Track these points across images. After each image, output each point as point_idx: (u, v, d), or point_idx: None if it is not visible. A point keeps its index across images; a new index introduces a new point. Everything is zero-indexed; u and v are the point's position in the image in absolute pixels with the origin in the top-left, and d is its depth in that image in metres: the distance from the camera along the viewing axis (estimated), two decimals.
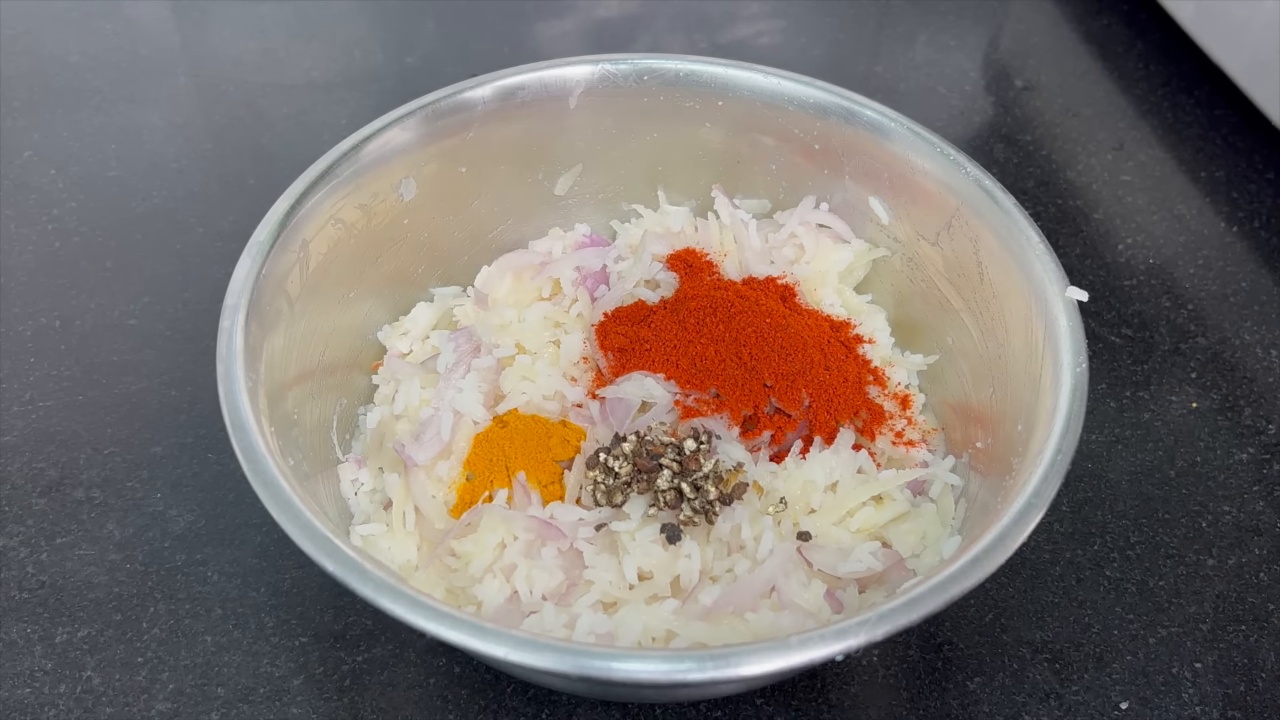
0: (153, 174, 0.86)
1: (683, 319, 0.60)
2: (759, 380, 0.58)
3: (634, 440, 0.55)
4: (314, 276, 0.57)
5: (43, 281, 0.77)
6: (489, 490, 0.56)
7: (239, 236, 0.54)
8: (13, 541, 0.62)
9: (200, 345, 0.71)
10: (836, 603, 0.52)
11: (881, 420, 0.60)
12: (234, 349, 0.50)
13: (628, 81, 0.66)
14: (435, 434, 0.57)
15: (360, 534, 0.56)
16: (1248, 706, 0.56)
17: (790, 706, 0.55)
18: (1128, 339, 0.74)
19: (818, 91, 0.64)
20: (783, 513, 0.55)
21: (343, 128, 0.89)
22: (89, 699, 0.55)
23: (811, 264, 0.66)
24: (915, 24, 1.05)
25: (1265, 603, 0.60)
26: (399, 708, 0.55)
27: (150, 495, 0.64)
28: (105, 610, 0.59)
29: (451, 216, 0.67)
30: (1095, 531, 0.63)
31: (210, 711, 0.54)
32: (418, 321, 0.65)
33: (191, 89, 0.96)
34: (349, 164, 0.59)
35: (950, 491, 0.57)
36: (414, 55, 1.01)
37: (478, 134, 0.64)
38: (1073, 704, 0.55)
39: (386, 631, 0.57)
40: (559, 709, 0.55)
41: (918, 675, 0.56)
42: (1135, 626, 0.59)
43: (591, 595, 0.52)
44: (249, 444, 0.46)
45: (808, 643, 0.40)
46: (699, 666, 0.40)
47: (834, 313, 0.65)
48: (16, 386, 0.70)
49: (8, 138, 0.89)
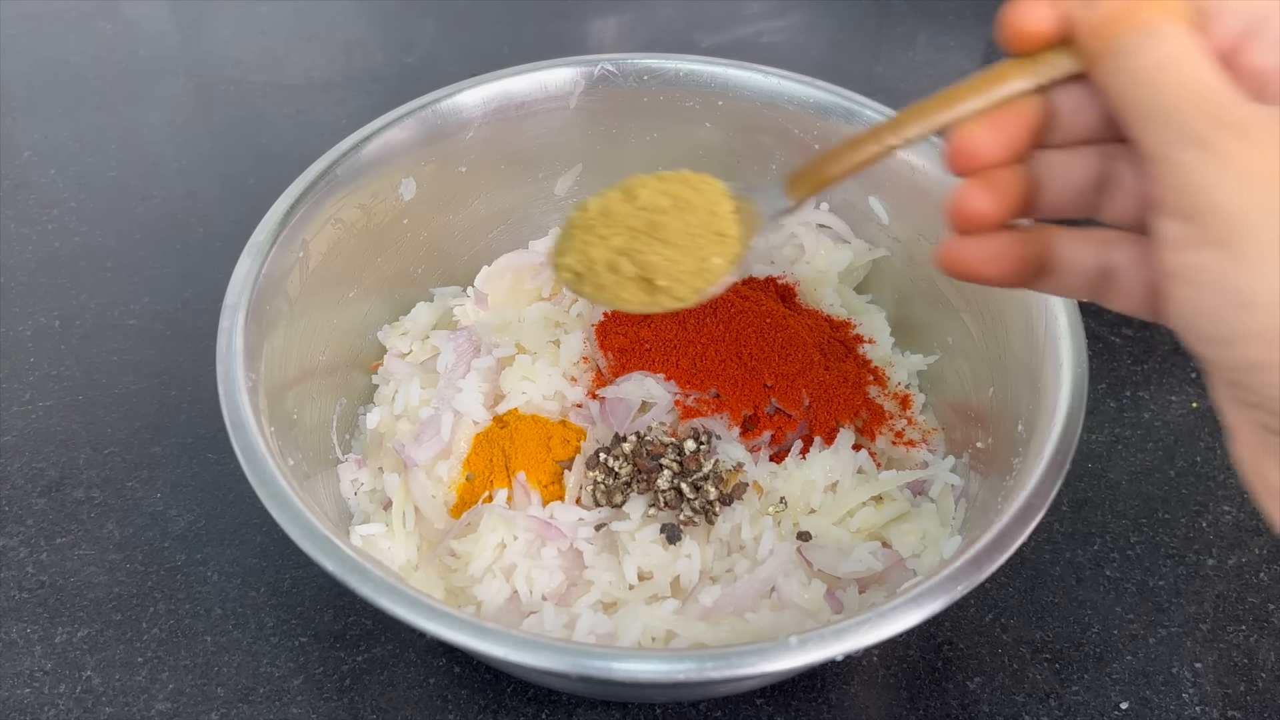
0: (153, 174, 0.86)
1: (683, 319, 0.60)
2: (759, 380, 0.58)
3: (634, 440, 0.55)
4: (314, 276, 0.57)
5: (43, 281, 0.77)
6: (489, 490, 0.56)
7: (239, 236, 0.54)
8: (13, 541, 0.62)
9: (200, 345, 0.71)
10: (836, 603, 0.52)
11: (881, 420, 0.60)
12: (234, 349, 0.50)
13: (628, 81, 0.66)
14: (435, 434, 0.57)
15: (360, 534, 0.56)
16: (1248, 706, 0.56)
17: (790, 706, 0.55)
18: (1128, 339, 0.74)
19: (818, 91, 0.64)
20: (783, 513, 0.55)
21: (343, 128, 0.88)
22: (89, 699, 0.55)
23: (811, 264, 0.66)
24: (915, 24, 1.05)
25: (1265, 603, 0.60)
26: (399, 708, 0.55)
27: (150, 495, 0.64)
28: (105, 610, 0.59)
29: (451, 216, 0.67)
30: (1095, 531, 0.63)
31: (210, 711, 0.54)
32: (418, 321, 0.65)
33: (191, 89, 0.96)
34: (349, 164, 0.59)
35: (950, 491, 0.57)
36: (414, 55, 1.01)
37: (478, 134, 0.64)
38: (1073, 704, 0.55)
39: (386, 631, 0.57)
40: (559, 709, 0.55)
41: (918, 675, 0.56)
42: (1135, 626, 0.59)
43: (591, 595, 0.52)
44: (249, 444, 0.46)
45: (808, 643, 0.40)
46: (699, 666, 0.40)
47: (834, 313, 0.65)
48: (16, 386, 0.70)
49: (8, 138, 0.89)
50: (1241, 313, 0.28)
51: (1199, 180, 0.29)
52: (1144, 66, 0.31)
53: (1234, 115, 0.29)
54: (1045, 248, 0.37)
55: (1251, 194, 0.28)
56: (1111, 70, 0.31)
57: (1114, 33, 0.31)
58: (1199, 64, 0.30)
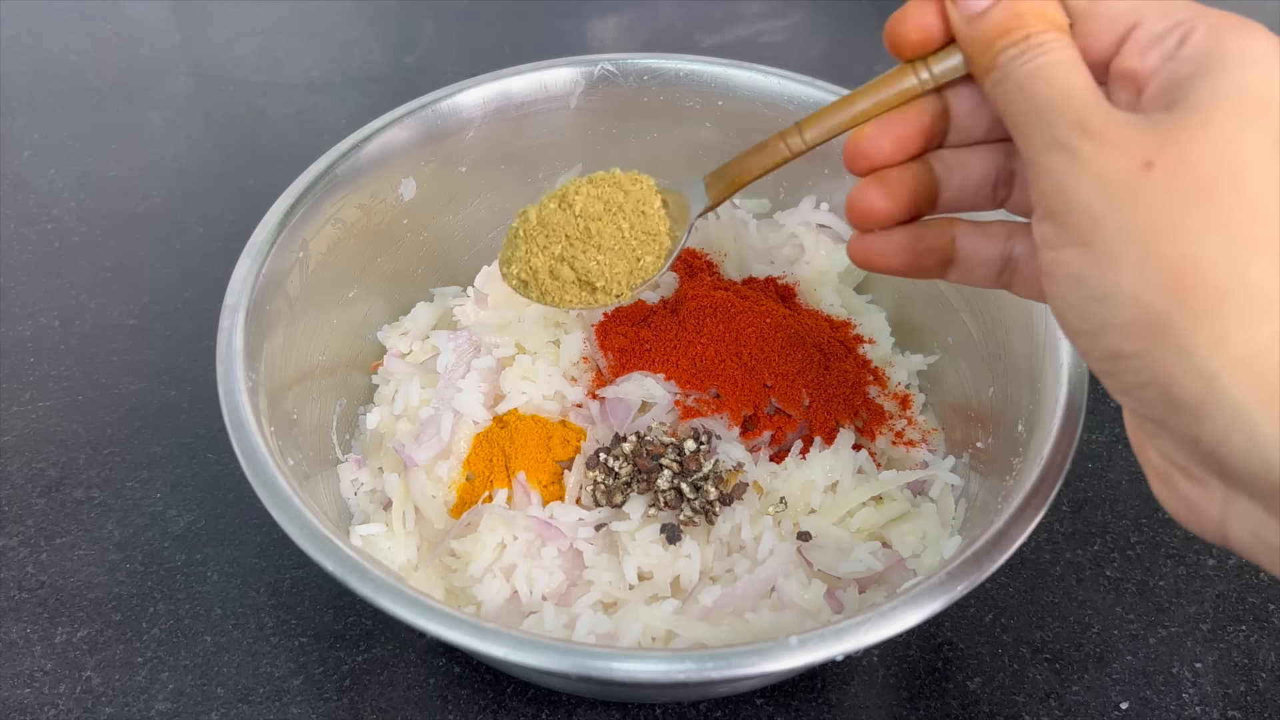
0: (153, 174, 0.86)
1: (683, 319, 0.60)
2: (759, 380, 0.58)
3: (634, 440, 0.55)
4: (314, 276, 0.57)
5: (43, 281, 0.77)
6: (489, 490, 0.56)
7: (239, 236, 0.54)
8: (13, 541, 0.62)
9: (200, 345, 0.71)
10: (836, 603, 0.52)
11: (881, 420, 0.60)
12: (234, 349, 0.50)
13: (627, 81, 0.66)
14: (435, 434, 0.57)
15: (360, 534, 0.56)
16: (1248, 706, 0.56)
17: (790, 706, 0.55)
18: None
19: (818, 91, 0.64)
20: (783, 513, 0.55)
21: (343, 128, 0.89)
22: (89, 699, 0.55)
23: (811, 264, 0.66)
24: None
25: (1265, 603, 0.60)
26: (399, 708, 0.55)
27: (150, 495, 0.64)
28: (105, 610, 0.59)
29: (451, 216, 0.67)
30: (1095, 531, 0.63)
31: (210, 711, 0.54)
32: (418, 321, 0.65)
33: (191, 89, 0.96)
34: (349, 164, 0.59)
35: (950, 491, 0.57)
36: (414, 55, 1.01)
37: (478, 134, 0.64)
38: (1073, 704, 0.55)
39: (386, 631, 0.57)
40: (559, 709, 0.55)
41: (918, 675, 0.56)
42: (1135, 626, 0.59)
43: (591, 595, 0.52)
44: (249, 444, 0.47)
45: (808, 643, 0.40)
46: (699, 666, 0.40)
47: (834, 313, 0.65)
48: (16, 386, 0.70)
49: (8, 138, 0.89)
50: (1101, 306, 0.30)
51: (1061, 183, 0.31)
52: (1021, 77, 0.32)
53: (1094, 121, 0.31)
54: (947, 240, 0.40)
55: (1104, 195, 0.30)
56: (994, 81, 0.33)
57: (998, 48, 0.33)
58: (1071, 72, 0.32)
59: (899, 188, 0.38)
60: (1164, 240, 0.29)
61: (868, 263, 0.41)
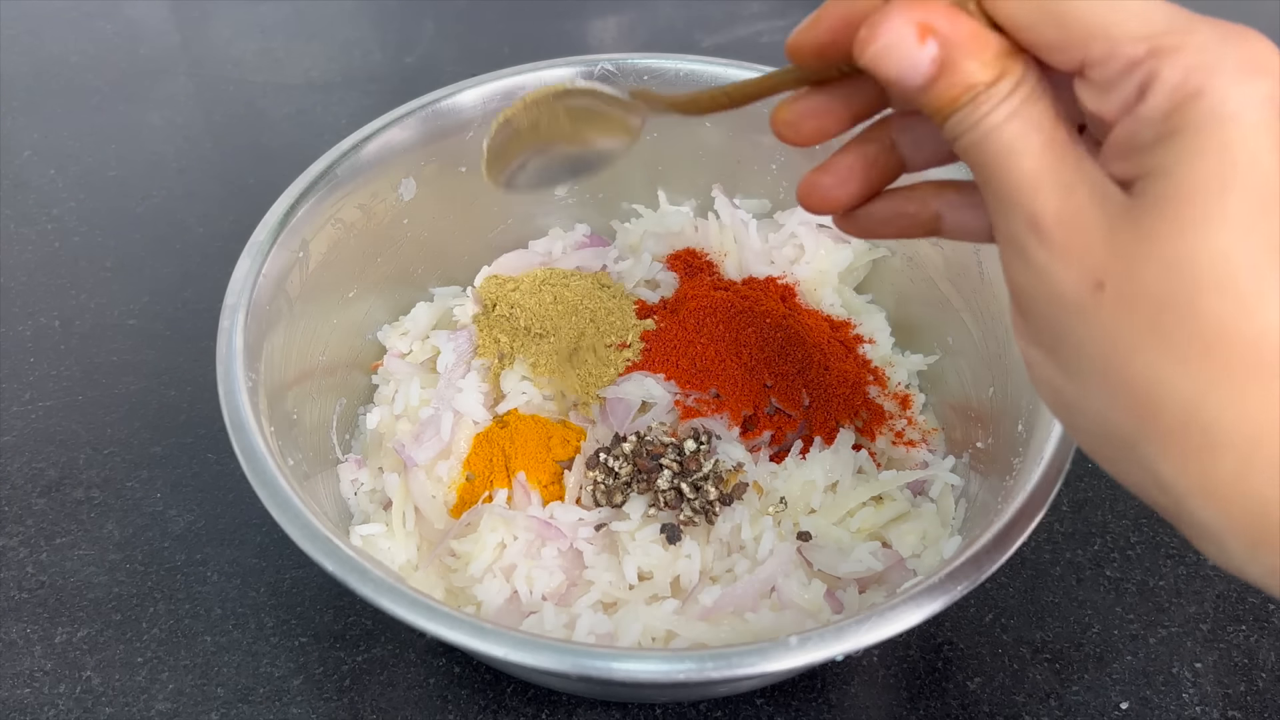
0: (153, 174, 0.86)
1: (683, 319, 0.60)
2: (759, 380, 0.58)
3: (634, 440, 0.55)
4: (314, 276, 0.57)
5: (43, 281, 0.77)
6: (489, 490, 0.56)
7: (239, 236, 0.54)
8: (13, 541, 0.62)
9: (200, 345, 0.71)
10: (836, 603, 0.52)
11: (881, 420, 0.60)
12: (234, 349, 0.50)
13: (627, 81, 0.65)
14: (435, 434, 0.57)
15: (360, 534, 0.56)
16: (1248, 706, 0.56)
17: (790, 706, 0.55)
18: None
19: None
20: (783, 513, 0.55)
21: (343, 128, 0.89)
22: (89, 699, 0.55)
23: (811, 264, 0.66)
24: None
25: (1265, 603, 0.60)
26: (399, 708, 0.55)
27: (150, 495, 0.64)
28: (105, 610, 0.59)
29: (451, 216, 0.67)
30: (1095, 531, 0.63)
31: (210, 711, 0.54)
32: (418, 321, 0.65)
33: (191, 89, 0.96)
34: (349, 164, 0.58)
35: (950, 491, 0.57)
36: (414, 55, 1.01)
37: (478, 134, 0.64)
38: (1073, 704, 0.55)
39: (386, 631, 0.57)
40: (559, 709, 0.55)
41: (918, 675, 0.56)
42: (1135, 626, 0.59)
43: (591, 595, 0.52)
44: (249, 444, 0.46)
45: (808, 643, 0.40)
46: (699, 666, 0.40)
47: (834, 313, 0.65)
48: (16, 386, 0.70)
49: (8, 138, 0.89)
50: (1072, 415, 0.31)
51: (1020, 285, 0.30)
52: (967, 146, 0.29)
53: (1045, 221, 0.28)
54: (930, 214, 0.37)
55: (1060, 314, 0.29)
56: (955, 140, 0.30)
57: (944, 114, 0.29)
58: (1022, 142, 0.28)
59: (847, 175, 0.37)
60: (1123, 365, 0.28)
61: (857, 233, 0.39)
